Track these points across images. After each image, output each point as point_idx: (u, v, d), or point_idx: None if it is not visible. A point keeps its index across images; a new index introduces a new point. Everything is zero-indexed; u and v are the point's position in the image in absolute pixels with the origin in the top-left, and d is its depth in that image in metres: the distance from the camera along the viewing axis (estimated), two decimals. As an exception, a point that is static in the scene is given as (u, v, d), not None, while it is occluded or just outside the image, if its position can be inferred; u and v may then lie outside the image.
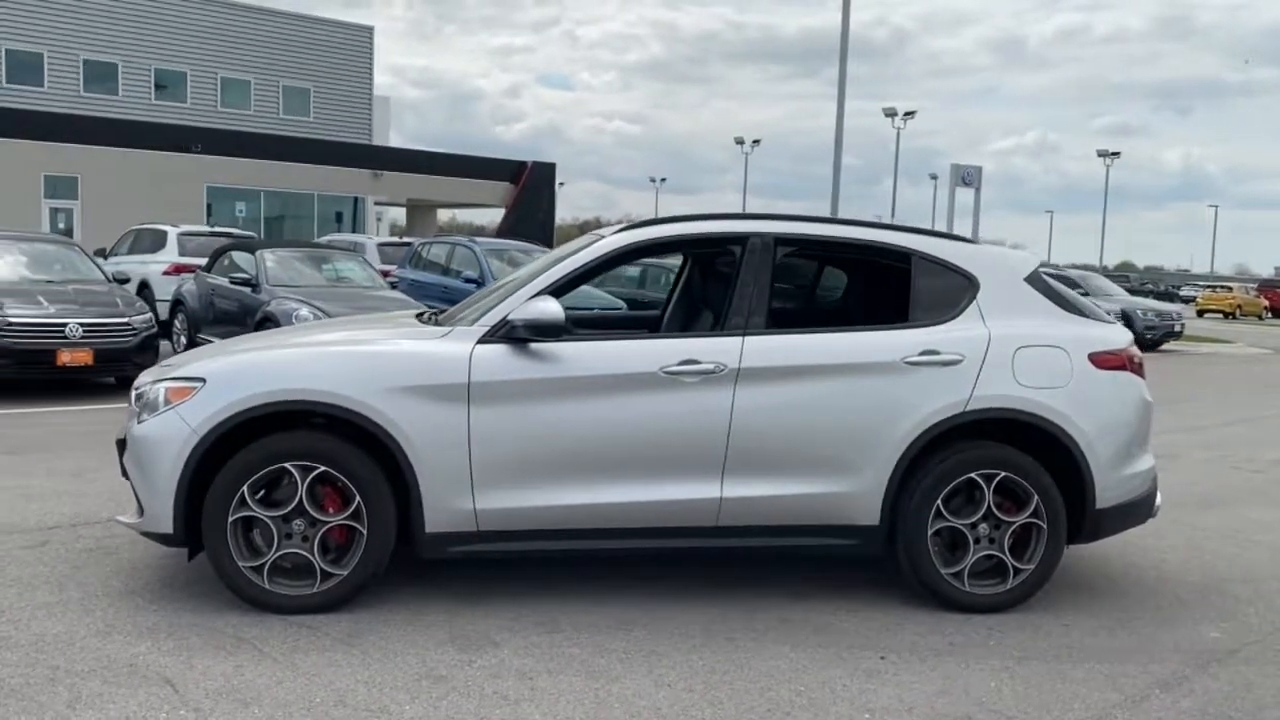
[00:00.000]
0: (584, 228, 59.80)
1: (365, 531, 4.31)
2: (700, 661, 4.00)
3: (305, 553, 4.31)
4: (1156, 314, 23.38)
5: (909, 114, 54.79)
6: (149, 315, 10.45)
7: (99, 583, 4.63)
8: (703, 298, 5.85)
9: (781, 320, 4.87)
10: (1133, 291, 36.30)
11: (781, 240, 4.79)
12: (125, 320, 9.94)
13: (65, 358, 9.36)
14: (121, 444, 4.54)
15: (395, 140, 44.77)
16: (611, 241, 4.73)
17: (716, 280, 5.58)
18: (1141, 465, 4.87)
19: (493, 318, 4.48)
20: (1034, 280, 4.89)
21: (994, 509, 4.61)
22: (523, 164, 42.57)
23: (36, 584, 4.59)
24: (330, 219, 38.13)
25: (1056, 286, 4.99)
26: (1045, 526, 4.63)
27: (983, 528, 4.62)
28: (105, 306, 10.10)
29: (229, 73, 38.20)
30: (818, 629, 4.40)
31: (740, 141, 75.08)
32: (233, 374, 4.34)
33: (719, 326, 4.69)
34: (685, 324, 5.87)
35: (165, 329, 13.42)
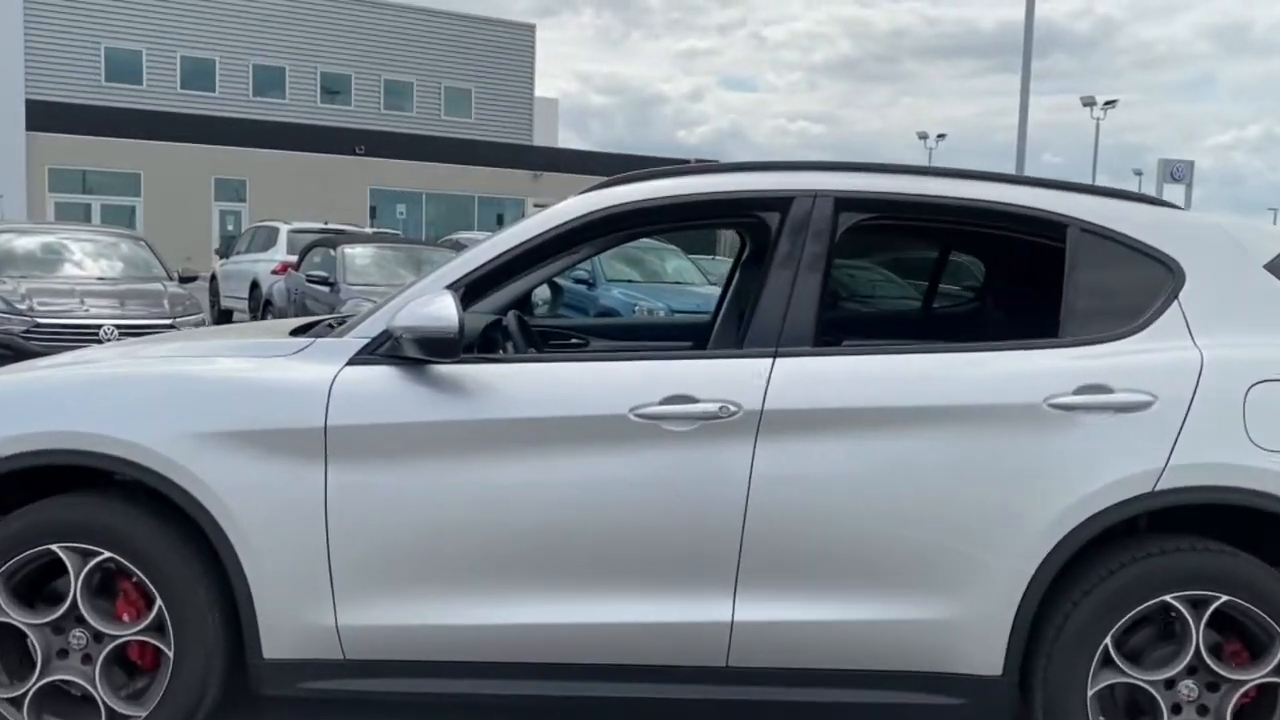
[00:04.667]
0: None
1: (171, 653, 2.80)
2: None
3: (83, 681, 2.83)
4: None
5: (1109, 103, 50.83)
6: (200, 316, 9.53)
7: None
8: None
9: (841, 332, 3.08)
10: None
11: (846, 202, 2.99)
12: (169, 322, 8.98)
13: (97, 363, 8.35)
14: None
15: (578, 146, 44.46)
16: (566, 209, 3.04)
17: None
18: None
19: (373, 325, 2.91)
20: (1282, 268, 2.93)
21: (1207, 656, 2.71)
22: (684, 163, 41.36)
23: None
24: (491, 221, 37.94)
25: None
26: (1301, 691, 2.69)
27: (1186, 687, 2.73)
28: (150, 307, 9.22)
29: (392, 74, 38.41)
30: None
31: (924, 136, 71.70)
32: None
33: (739, 339, 2.96)
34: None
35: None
